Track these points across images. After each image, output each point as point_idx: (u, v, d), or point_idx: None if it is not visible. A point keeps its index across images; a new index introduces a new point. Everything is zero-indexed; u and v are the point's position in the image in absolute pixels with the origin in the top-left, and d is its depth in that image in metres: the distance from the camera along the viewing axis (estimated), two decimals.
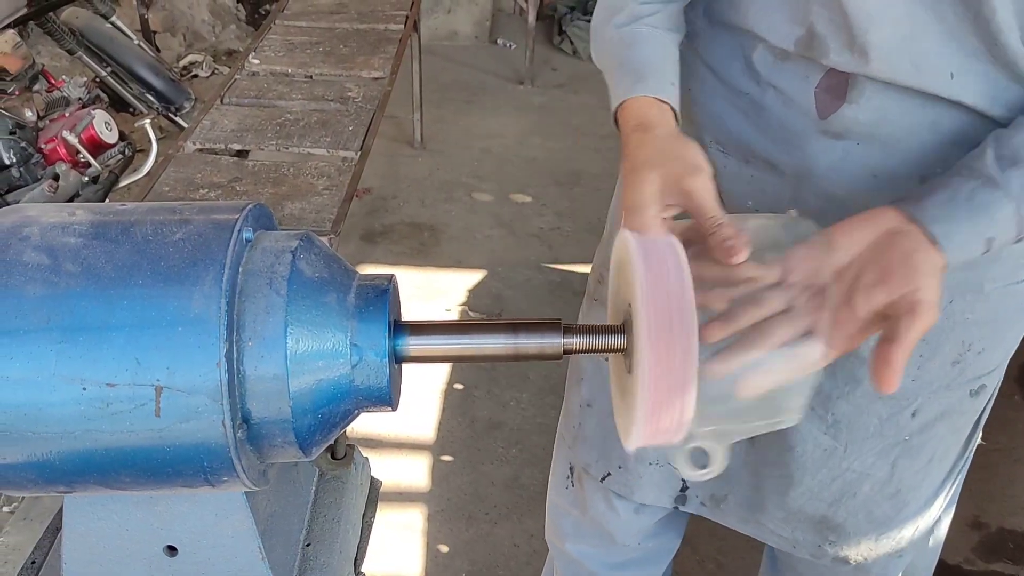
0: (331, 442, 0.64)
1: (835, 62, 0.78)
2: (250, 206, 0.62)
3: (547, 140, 3.37)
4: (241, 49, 4.04)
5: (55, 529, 0.75)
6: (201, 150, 2.05)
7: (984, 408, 1.03)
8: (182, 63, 3.86)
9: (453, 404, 2.17)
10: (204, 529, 0.66)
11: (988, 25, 0.72)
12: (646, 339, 0.59)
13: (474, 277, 2.63)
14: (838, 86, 0.80)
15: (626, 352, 0.65)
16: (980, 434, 1.10)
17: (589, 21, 4.54)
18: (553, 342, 0.64)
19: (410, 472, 1.98)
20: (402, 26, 2.80)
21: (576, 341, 0.65)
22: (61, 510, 0.74)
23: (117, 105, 2.93)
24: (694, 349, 0.59)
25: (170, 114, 3.06)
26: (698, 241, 0.68)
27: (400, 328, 0.64)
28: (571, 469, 1.19)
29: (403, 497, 1.91)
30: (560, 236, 2.82)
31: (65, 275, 0.56)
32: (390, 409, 0.64)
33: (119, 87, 2.91)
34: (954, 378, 0.95)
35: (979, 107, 0.77)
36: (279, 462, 0.64)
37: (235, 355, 0.57)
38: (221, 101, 2.27)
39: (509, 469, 2.00)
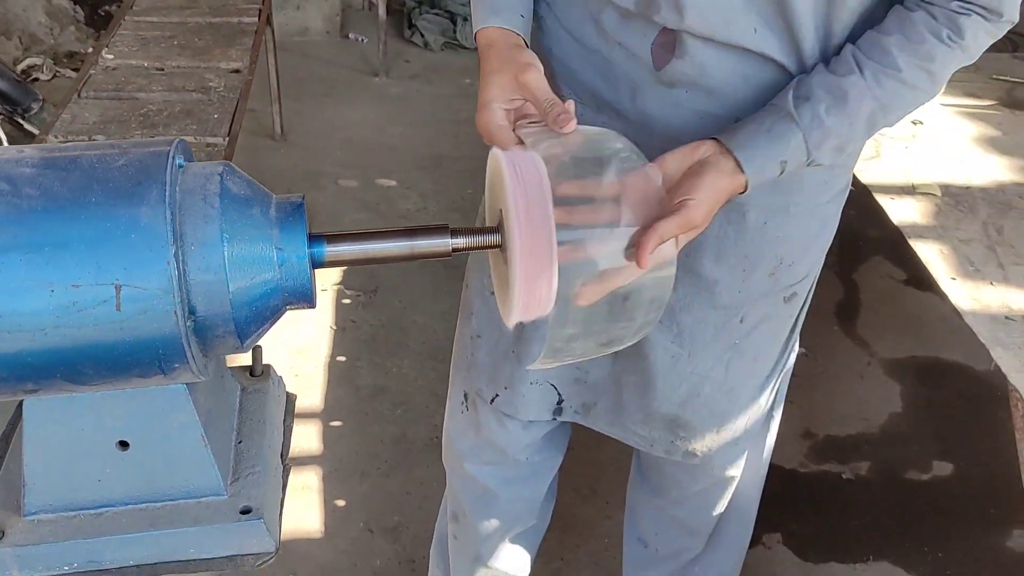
0: (262, 336, 0.76)
1: (665, 19, 0.95)
2: (176, 141, 0.73)
3: (406, 128, 3.50)
4: (82, 51, 3.95)
5: (5, 438, 0.82)
6: (65, 143, 2.06)
7: (798, 315, 1.24)
8: (20, 67, 3.74)
9: (337, 375, 2.27)
10: (152, 422, 0.76)
11: None
12: (516, 228, 0.74)
13: None
14: (669, 42, 0.97)
15: (502, 247, 0.80)
16: (797, 340, 1.32)
17: (438, 15, 4.61)
18: (443, 242, 0.78)
19: (302, 439, 2.07)
20: (255, 19, 2.85)
21: (462, 241, 0.78)
22: (10, 421, 0.82)
23: None
24: (553, 232, 0.74)
25: (17, 116, 2.98)
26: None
27: (315, 238, 0.76)
28: (465, 396, 1.33)
29: (297, 462, 2.00)
30: (427, 216, 2.96)
31: (26, 198, 0.66)
32: (310, 306, 0.76)
33: None
34: (771, 287, 1.14)
35: (779, 60, 0.96)
36: (219, 355, 0.75)
37: (181, 258, 0.68)
38: (79, 95, 2.27)
39: (396, 428, 2.12)
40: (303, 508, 1.90)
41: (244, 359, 0.93)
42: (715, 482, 1.36)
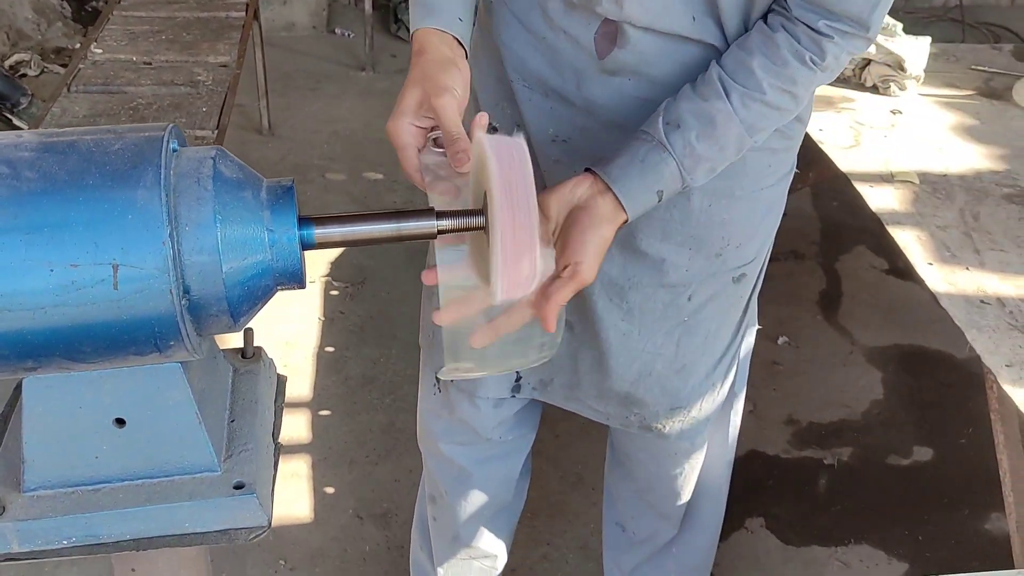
0: (254, 316, 0.78)
1: (606, 10, 0.98)
2: (170, 126, 0.76)
3: None
4: (69, 46, 3.95)
5: (5, 416, 0.84)
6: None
7: (750, 295, 1.27)
8: (7, 63, 3.73)
9: (326, 365, 2.29)
10: (148, 400, 0.78)
11: None
12: (500, 210, 0.76)
13: (334, 251, 2.75)
14: (611, 33, 1.01)
15: (485, 229, 0.82)
16: (753, 324, 1.34)
17: None
18: (429, 224, 0.80)
19: (291, 428, 2.09)
20: (243, 13, 2.87)
21: (447, 223, 0.81)
22: (9, 401, 0.84)
23: None
24: (536, 215, 0.77)
25: (5, 112, 2.99)
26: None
27: (305, 220, 0.78)
28: (437, 378, 1.35)
29: (287, 450, 2.02)
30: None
31: (25, 180, 0.68)
32: (300, 287, 0.79)
33: None
34: (718, 268, 1.17)
35: (717, 45, 0.99)
36: (212, 333, 0.78)
37: (176, 238, 0.70)
38: (68, 89, 2.28)
39: (384, 417, 2.15)
40: (293, 495, 1.92)
41: (236, 342, 0.96)
42: (679, 466, 1.39)
